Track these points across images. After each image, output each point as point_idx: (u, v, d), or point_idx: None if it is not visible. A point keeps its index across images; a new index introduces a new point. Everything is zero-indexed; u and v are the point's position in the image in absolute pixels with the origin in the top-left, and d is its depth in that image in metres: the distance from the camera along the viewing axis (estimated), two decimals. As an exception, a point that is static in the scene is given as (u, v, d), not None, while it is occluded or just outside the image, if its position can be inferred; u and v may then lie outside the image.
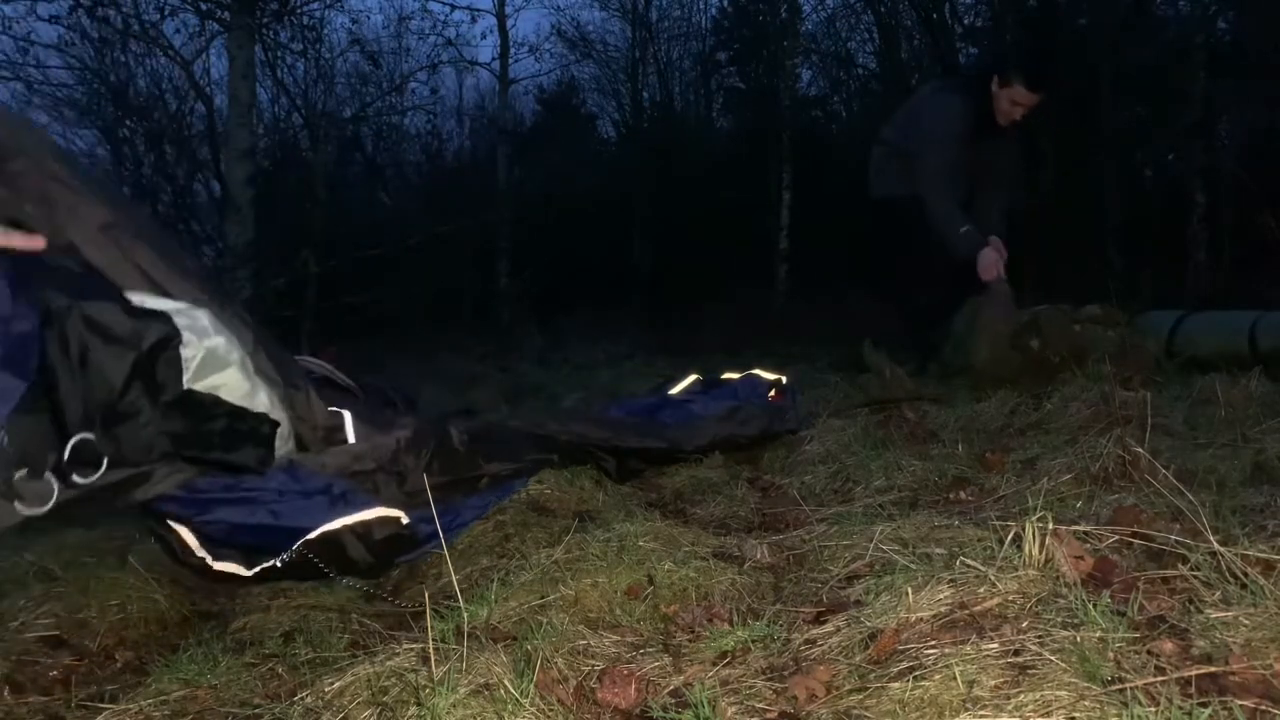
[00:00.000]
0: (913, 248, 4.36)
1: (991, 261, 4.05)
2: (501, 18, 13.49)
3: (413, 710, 1.22)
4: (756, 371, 3.51)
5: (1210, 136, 9.08)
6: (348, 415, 2.22)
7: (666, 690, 1.30)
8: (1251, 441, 2.42)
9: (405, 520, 2.06)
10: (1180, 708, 0.98)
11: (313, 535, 1.95)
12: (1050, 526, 1.39)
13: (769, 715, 1.19)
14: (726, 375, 3.58)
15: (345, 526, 1.97)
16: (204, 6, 8.60)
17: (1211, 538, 1.31)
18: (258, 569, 1.96)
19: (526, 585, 1.71)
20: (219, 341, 1.81)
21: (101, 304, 1.62)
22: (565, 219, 14.64)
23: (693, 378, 3.52)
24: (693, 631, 1.52)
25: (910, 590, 1.37)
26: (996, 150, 4.37)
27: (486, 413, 3.27)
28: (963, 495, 2.26)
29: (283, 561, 1.94)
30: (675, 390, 3.42)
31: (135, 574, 2.00)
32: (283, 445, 2.01)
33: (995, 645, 1.16)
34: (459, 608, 1.50)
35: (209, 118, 9.58)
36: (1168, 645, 1.13)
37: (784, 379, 3.44)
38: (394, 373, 7.05)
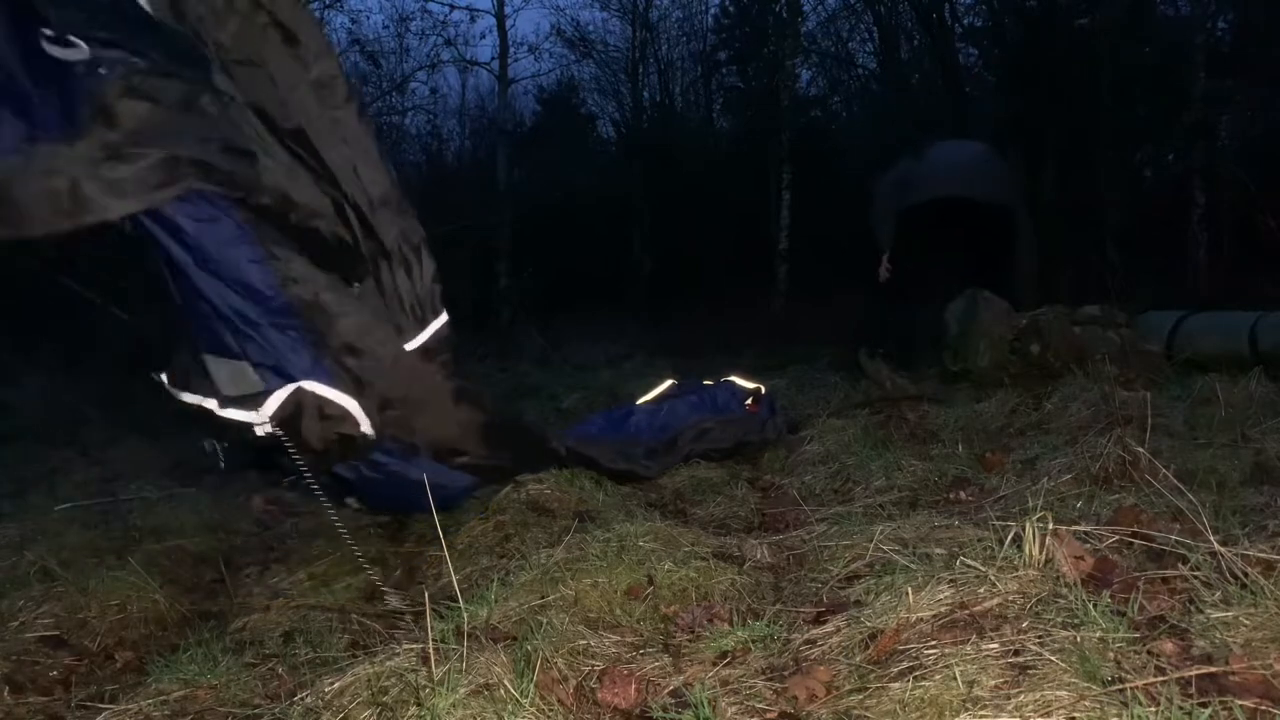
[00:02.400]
0: (966, 251, 4.55)
1: None
2: (501, 18, 13.46)
3: (413, 710, 1.22)
4: (733, 378, 3.51)
5: (1210, 136, 9.07)
6: None
7: (666, 690, 1.30)
8: (1251, 441, 2.42)
9: (365, 429, 2.14)
10: (1180, 708, 0.98)
11: (286, 392, 2.01)
12: (1050, 526, 1.39)
13: (769, 715, 1.19)
14: (706, 382, 3.60)
15: (313, 393, 2.04)
16: (204, 6, 8.60)
17: (1211, 538, 1.31)
18: (228, 410, 2.01)
19: (526, 585, 1.71)
20: None
21: None
22: (565, 219, 14.61)
23: (669, 382, 3.53)
24: (693, 631, 1.52)
25: (910, 590, 1.37)
26: None
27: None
28: (963, 495, 2.27)
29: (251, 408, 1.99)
30: (649, 396, 3.43)
31: (135, 574, 2.00)
32: None
33: (995, 645, 1.16)
34: (459, 608, 1.50)
35: (209, 118, 9.55)
36: (1168, 645, 1.13)
37: (762, 389, 3.43)
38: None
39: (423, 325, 2.29)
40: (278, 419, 2.00)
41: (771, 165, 12.93)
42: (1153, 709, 0.98)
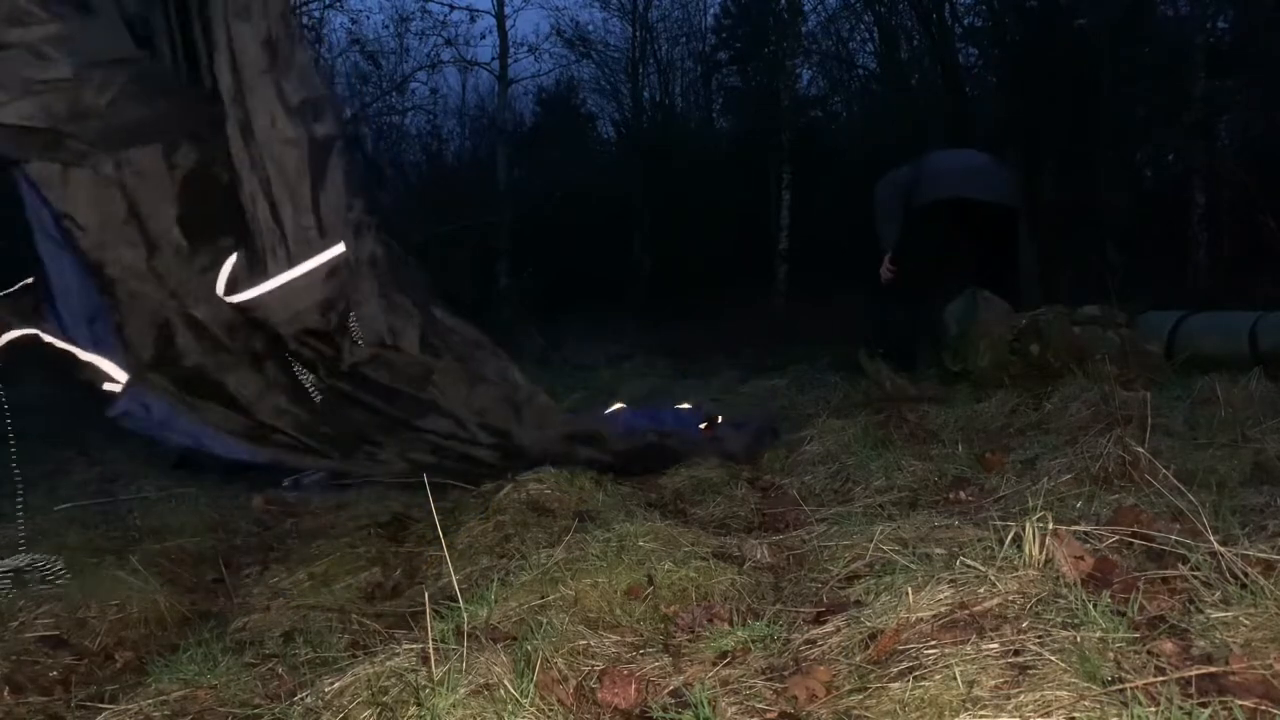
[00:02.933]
0: (975, 251, 4.60)
1: None
2: (500, 18, 13.47)
3: (413, 710, 1.22)
4: (685, 406, 3.52)
5: (1210, 136, 9.07)
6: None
7: (666, 690, 1.30)
8: (1251, 441, 2.42)
9: (115, 385, 2.27)
10: (1180, 708, 0.98)
11: (18, 334, 2.16)
12: (1050, 526, 1.39)
13: (769, 715, 1.19)
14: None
15: (49, 342, 2.21)
16: (204, 6, 8.59)
17: (1211, 538, 1.31)
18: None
19: (526, 585, 1.71)
20: None
21: None
22: (565, 219, 14.63)
23: (618, 405, 3.52)
24: (693, 631, 1.52)
25: (910, 590, 1.37)
26: None
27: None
28: (963, 495, 2.26)
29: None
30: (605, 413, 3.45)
31: (135, 574, 2.00)
32: None
33: (995, 645, 1.16)
34: (459, 608, 1.50)
35: (209, 118, 9.54)
36: (1168, 645, 1.13)
37: (719, 418, 3.41)
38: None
39: (286, 265, 2.34)
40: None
41: (771, 165, 12.94)
42: (1153, 709, 0.98)
